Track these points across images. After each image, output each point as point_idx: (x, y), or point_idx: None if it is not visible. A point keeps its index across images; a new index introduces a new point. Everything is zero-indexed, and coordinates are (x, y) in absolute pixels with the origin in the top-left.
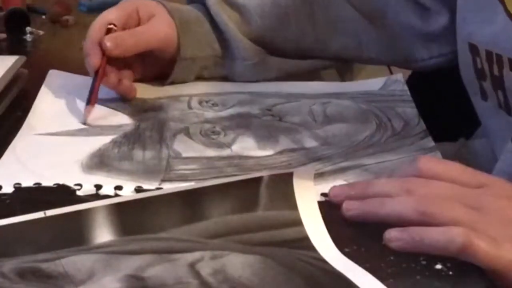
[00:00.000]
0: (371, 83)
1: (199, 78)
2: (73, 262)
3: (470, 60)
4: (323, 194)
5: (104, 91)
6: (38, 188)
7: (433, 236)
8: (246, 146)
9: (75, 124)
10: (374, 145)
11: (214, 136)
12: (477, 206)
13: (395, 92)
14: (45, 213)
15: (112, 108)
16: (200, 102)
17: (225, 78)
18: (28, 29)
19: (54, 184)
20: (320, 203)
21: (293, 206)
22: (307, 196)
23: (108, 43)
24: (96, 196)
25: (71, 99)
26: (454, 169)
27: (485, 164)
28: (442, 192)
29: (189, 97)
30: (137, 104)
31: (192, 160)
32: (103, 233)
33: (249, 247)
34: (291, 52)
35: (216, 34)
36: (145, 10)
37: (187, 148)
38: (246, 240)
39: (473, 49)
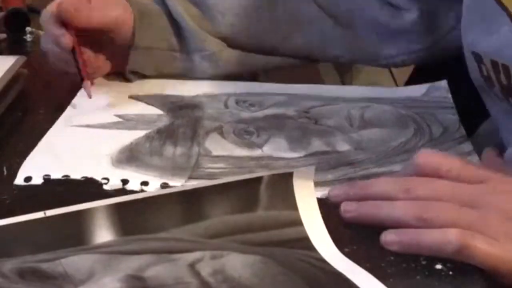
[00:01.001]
0: (413, 89)
1: (160, 75)
2: (73, 262)
3: (476, 67)
4: None
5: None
6: (66, 181)
7: (429, 239)
8: (277, 147)
9: (110, 117)
10: (409, 151)
11: (247, 136)
12: (476, 204)
13: (438, 98)
14: (45, 213)
15: (149, 104)
16: (237, 102)
17: (184, 75)
18: (28, 29)
19: (82, 177)
20: (319, 202)
21: (293, 206)
22: (307, 196)
23: (65, 12)
24: (122, 191)
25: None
26: (454, 163)
27: None
28: (440, 192)
29: (227, 96)
30: (174, 101)
31: (221, 159)
32: (103, 233)
33: (249, 247)
34: (253, 49)
35: (174, 29)
36: None
37: (218, 146)
38: (246, 240)
39: (477, 58)
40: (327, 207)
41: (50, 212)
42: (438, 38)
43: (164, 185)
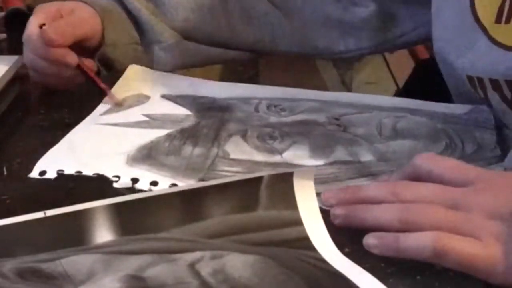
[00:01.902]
0: (456, 107)
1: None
2: (73, 262)
3: (458, 83)
4: None
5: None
6: (78, 177)
7: (406, 243)
8: (298, 154)
9: (138, 116)
10: None
11: (269, 141)
12: (460, 206)
13: (479, 118)
14: (45, 213)
15: (179, 104)
16: (268, 106)
17: (149, 67)
18: None
19: (94, 174)
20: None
21: (293, 206)
22: (307, 196)
23: (53, 35)
24: (132, 190)
25: (140, 93)
26: (446, 164)
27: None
28: (424, 194)
29: (259, 100)
30: (205, 102)
31: (238, 162)
32: (103, 233)
33: (249, 247)
34: (207, 43)
35: (132, 22)
36: (65, 8)
37: (238, 150)
38: (246, 240)
39: (455, 75)
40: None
41: (50, 212)
42: (390, 38)
43: (173, 186)
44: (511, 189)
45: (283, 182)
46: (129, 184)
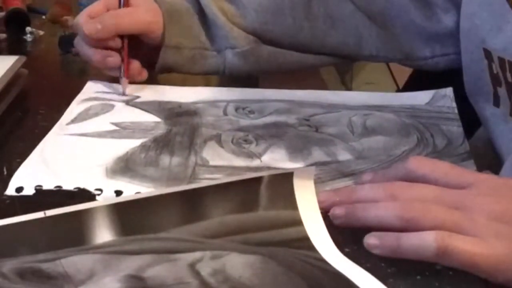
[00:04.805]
0: (417, 96)
1: (191, 74)
2: (73, 262)
3: (486, 65)
4: None
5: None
6: (58, 192)
7: (409, 242)
8: (277, 157)
9: (107, 125)
10: None
11: (245, 145)
12: (461, 206)
13: (442, 108)
14: (45, 213)
15: (146, 111)
16: (236, 109)
17: (215, 73)
18: (28, 29)
19: (75, 188)
20: None
21: (293, 206)
22: (307, 196)
23: (87, 31)
24: None
25: (105, 101)
26: (441, 168)
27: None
28: (424, 195)
29: (226, 103)
30: (172, 108)
31: (218, 169)
32: (103, 233)
33: (249, 247)
34: (287, 47)
35: (205, 27)
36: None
37: (216, 156)
38: (246, 240)
39: (488, 55)
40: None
41: (50, 212)
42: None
43: None
44: None
45: (283, 182)
46: (113, 196)
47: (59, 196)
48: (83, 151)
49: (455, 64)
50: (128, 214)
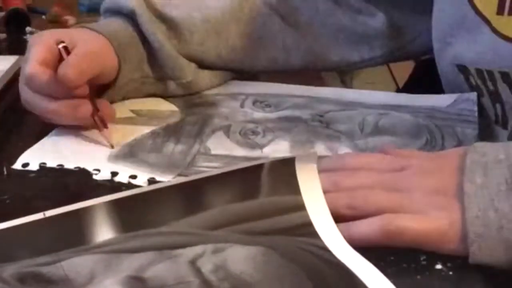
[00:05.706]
0: (440, 98)
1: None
2: (74, 265)
3: (463, 79)
4: None
5: None
6: (60, 169)
7: (357, 230)
8: (278, 149)
9: (125, 112)
10: None
11: (251, 136)
12: (400, 187)
13: (463, 111)
14: (44, 214)
15: (166, 100)
16: (254, 102)
17: (153, 95)
18: (28, 29)
19: (75, 167)
20: None
21: (296, 190)
22: (310, 180)
23: (73, 76)
24: (111, 182)
25: None
26: (374, 158)
27: None
28: (364, 181)
29: (246, 95)
30: (192, 98)
31: (217, 158)
32: (103, 231)
33: (251, 237)
34: (221, 68)
35: (147, 54)
36: (74, 39)
37: (219, 145)
38: (248, 230)
39: (463, 69)
40: None
41: (50, 213)
42: (400, 46)
43: (152, 180)
44: (450, 168)
45: (285, 167)
46: (108, 176)
47: (60, 173)
48: (95, 136)
49: (382, 64)
50: (127, 210)
